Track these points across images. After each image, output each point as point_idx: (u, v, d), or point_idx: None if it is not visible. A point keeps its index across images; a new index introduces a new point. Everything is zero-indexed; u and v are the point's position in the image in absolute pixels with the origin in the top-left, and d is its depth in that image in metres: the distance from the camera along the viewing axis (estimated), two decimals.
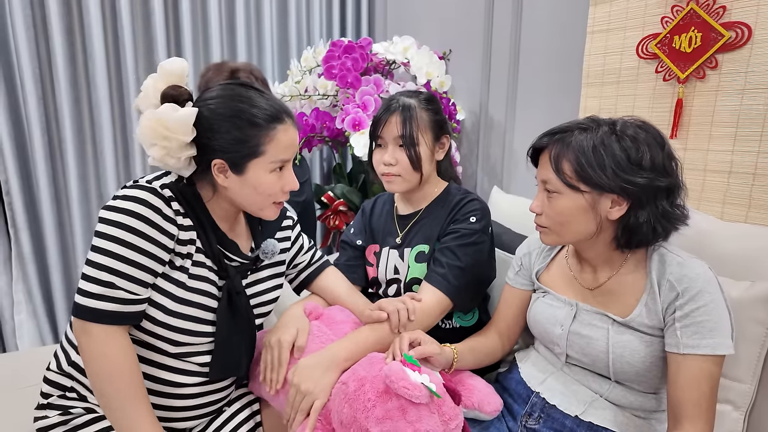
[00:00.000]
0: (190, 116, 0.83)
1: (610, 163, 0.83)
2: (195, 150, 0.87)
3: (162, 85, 0.85)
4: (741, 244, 1.02)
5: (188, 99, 0.87)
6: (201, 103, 0.88)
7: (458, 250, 1.12)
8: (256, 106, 0.87)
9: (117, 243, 0.81)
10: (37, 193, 1.91)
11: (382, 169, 1.18)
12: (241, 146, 0.87)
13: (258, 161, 0.88)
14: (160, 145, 0.83)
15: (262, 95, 0.90)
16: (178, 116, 0.82)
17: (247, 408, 1.03)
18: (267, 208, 0.94)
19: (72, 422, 0.90)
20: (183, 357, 0.91)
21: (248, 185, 0.90)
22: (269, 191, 0.91)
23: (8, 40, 1.80)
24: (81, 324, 0.82)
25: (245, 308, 0.97)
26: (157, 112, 0.82)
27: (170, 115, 0.82)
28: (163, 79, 0.85)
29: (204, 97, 0.89)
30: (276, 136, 0.88)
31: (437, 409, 0.81)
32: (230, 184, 0.90)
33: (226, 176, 0.89)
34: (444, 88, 1.89)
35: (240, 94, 0.89)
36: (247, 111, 0.87)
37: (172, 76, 0.85)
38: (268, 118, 0.88)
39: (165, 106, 0.83)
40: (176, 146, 0.83)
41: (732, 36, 1.10)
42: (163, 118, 0.82)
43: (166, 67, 0.85)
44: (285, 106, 0.92)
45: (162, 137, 0.82)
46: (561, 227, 0.90)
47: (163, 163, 0.85)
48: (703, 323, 0.81)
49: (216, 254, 0.93)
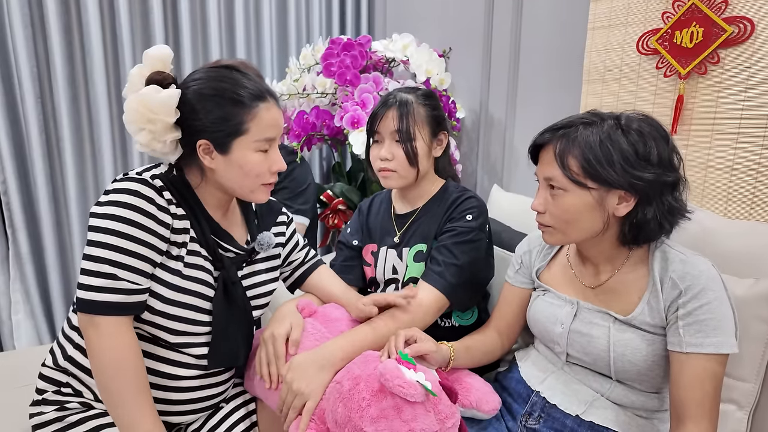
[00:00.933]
0: (173, 97, 0.84)
1: (618, 158, 0.81)
2: (180, 132, 0.88)
3: (147, 72, 0.86)
4: (745, 242, 1.01)
5: (172, 82, 0.87)
6: (185, 85, 0.89)
7: (455, 248, 1.10)
8: (238, 84, 0.88)
9: (114, 235, 0.82)
10: (34, 192, 1.91)
11: (379, 164, 1.17)
12: (224, 125, 0.87)
13: (242, 140, 0.89)
14: (147, 129, 0.84)
15: (245, 76, 0.91)
16: (161, 97, 0.83)
17: (243, 407, 1.03)
18: (256, 190, 0.94)
19: (67, 418, 0.90)
20: (181, 348, 0.91)
21: (234, 165, 0.90)
22: (256, 171, 0.91)
23: (6, 39, 1.79)
24: (88, 318, 0.82)
25: (241, 298, 0.97)
26: (140, 93, 0.83)
27: (153, 97, 0.83)
28: (148, 66, 0.86)
29: (188, 80, 0.90)
30: (258, 114, 0.89)
31: (433, 408, 0.80)
32: (216, 166, 0.90)
33: (212, 157, 0.90)
34: (444, 85, 1.87)
35: (222, 75, 0.90)
36: (229, 90, 0.87)
37: (156, 62, 0.86)
38: (250, 96, 0.88)
39: (148, 88, 0.84)
40: (161, 128, 0.84)
41: (734, 31, 1.09)
42: (146, 100, 0.83)
43: (151, 54, 0.86)
44: (268, 87, 0.93)
45: (146, 120, 0.83)
46: (567, 225, 0.88)
47: (150, 148, 0.86)
48: (706, 321, 0.79)
49: (210, 244, 0.93)
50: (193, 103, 0.87)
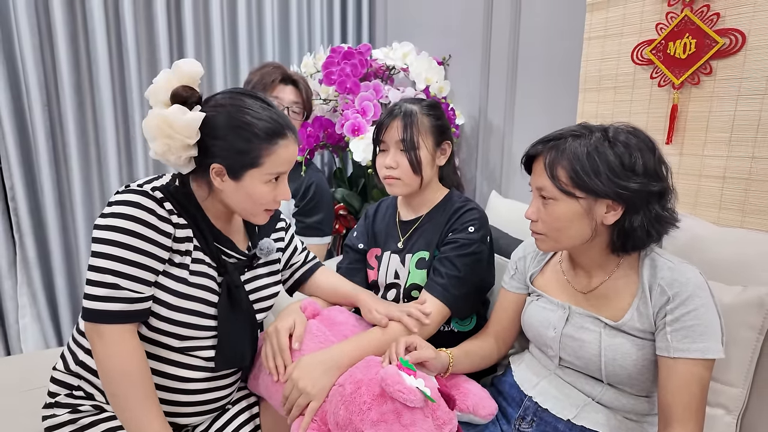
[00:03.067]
0: (196, 121, 0.86)
1: (605, 169, 0.84)
2: (196, 151, 0.90)
3: (175, 83, 0.87)
4: (735, 250, 1.02)
5: (197, 102, 0.89)
6: (208, 109, 0.90)
7: (457, 260, 1.13)
8: (260, 119, 0.90)
9: (116, 246, 0.84)
10: (41, 198, 1.93)
11: (384, 172, 1.20)
12: (242, 156, 0.90)
13: (255, 171, 0.91)
14: (163, 141, 0.86)
15: (267, 108, 0.93)
16: (186, 120, 0.85)
17: (247, 410, 1.05)
18: (258, 214, 0.97)
19: (80, 420, 0.93)
20: (188, 351, 0.94)
21: (243, 192, 0.92)
22: (262, 200, 0.94)
23: (14, 47, 1.82)
24: (93, 327, 0.85)
25: (245, 302, 1.00)
26: (165, 112, 0.85)
27: (178, 118, 0.84)
28: (177, 78, 0.87)
29: (212, 104, 0.92)
30: (276, 151, 0.91)
31: (431, 414, 0.82)
32: (225, 188, 0.93)
33: (222, 180, 0.92)
34: (443, 93, 1.90)
35: (246, 105, 0.91)
36: (251, 124, 0.89)
37: (185, 77, 0.87)
38: (270, 132, 0.90)
39: (174, 107, 0.85)
40: (179, 146, 0.86)
41: (726, 43, 1.11)
42: (170, 120, 0.84)
43: (181, 67, 0.87)
44: (288, 120, 0.95)
45: (166, 135, 0.85)
46: (558, 233, 0.91)
47: (164, 158, 0.88)
48: (693, 327, 0.82)
49: (213, 251, 0.96)
50: (215, 129, 0.89)
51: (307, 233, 1.66)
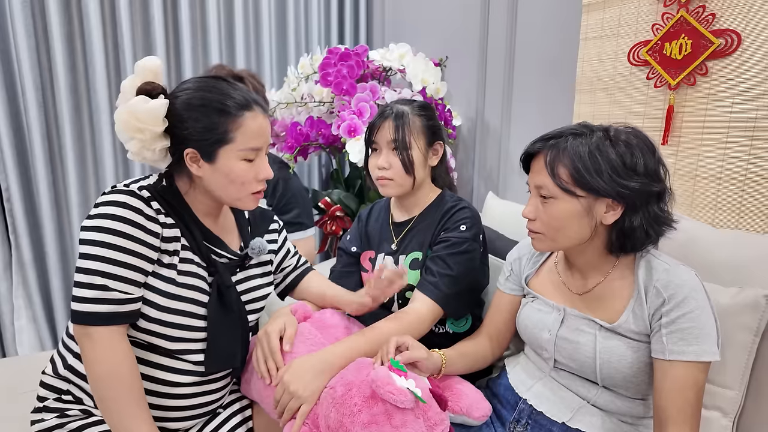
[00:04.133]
0: (160, 107, 0.86)
1: (607, 168, 0.84)
2: (168, 141, 0.90)
3: (138, 82, 0.88)
4: (731, 251, 1.02)
5: (161, 92, 0.90)
6: (173, 95, 0.91)
7: (449, 258, 1.13)
8: (224, 94, 0.90)
9: (104, 247, 0.83)
10: (37, 199, 1.93)
11: (377, 173, 1.20)
12: (210, 133, 0.89)
13: (227, 148, 0.90)
14: (137, 138, 0.86)
15: (232, 86, 0.93)
16: (149, 107, 0.85)
17: (239, 414, 1.04)
18: (243, 198, 0.95)
19: (68, 425, 0.92)
20: (178, 355, 0.93)
21: (220, 173, 0.91)
22: (241, 179, 0.92)
23: (9, 48, 1.82)
24: (82, 329, 0.84)
25: (236, 302, 0.99)
26: (128, 104, 0.86)
27: (141, 107, 0.85)
28: (139, 77, 0.88)
29: (177, 90, 0.92)
30: (244, 123, 0.90)
31: (422, 414, 0.81)
32: (203, 174, 0.92)
33: (198, 165, 0.91)
34: (440, 94, 1.90)
35: (210, 85, 0.91)
36: (215, 99, 0.89)
37: (147, 73, 0.88)
38: (236, 105, 0.90)
39: (136, 98, 0.86)
40: (150, 138, 0.87)
41: (722, 43, 1.11)
42: (134, 110, 0.85)
43: (141, 65, 0.88)
44: (255, 96, 0.94)
45: (135, 129, 0.86)
46: (556, 232, 0.91)
47: (140, 156, 0.89)
48: (688, 330, 0.81)
49: (203, 250, 0.95)
50: (180, 113, 0.89)
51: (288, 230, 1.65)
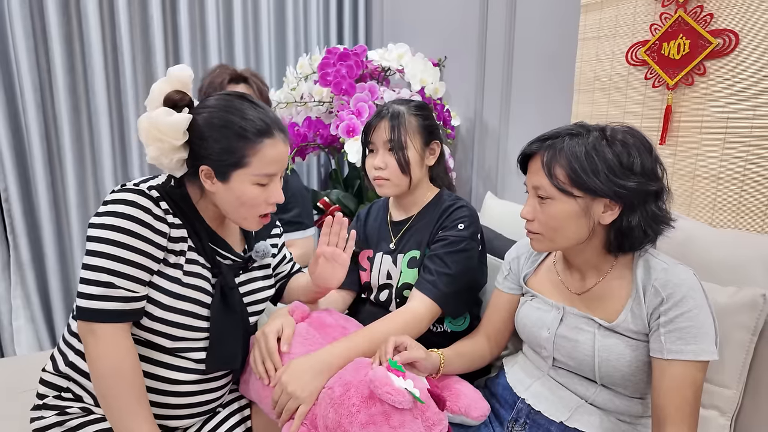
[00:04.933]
0: (181, 122, 0.87)
1: (603, 168, 0.84)
2: (186, 153, 0.91)
3: (168, 89, 0.89)
4: (730, 251, 1.02)
5: (187, 105, 0.91)
6: (197, 111, 0.92)
7: (447, 257, 1.13)
8: (246, 118, 0.90)
9: (111, 245, 0.84)
10: (36, 200, 1.93)
11: (373, 173, 1.20)
12: (227, 156, 0.89)
13: (242, 172, 0.91)
14: (155, 146, 0.87)
15: (256, 108, 0.92)
16: (170, 121, 0.86)
17: (238, 413, 1.05)
18: (249, 218, 0.96)
19: (68, 422, 0.92)
20: (179, 353, 0.93)
21: (231, 194, 0.92)
22: (252, 203, 0.93)
23: (8, 49, 1.82)
24: (86, 325, 0.85)
25: (238, 303, 1.00)
26: (152, 115, 0.87)
27: (163, 119, 0.86)
28: (169, 84, 0.90)
29: (201, 105, 0.93)
30: (262, 150, 0.91)
31: (420, 415, 0.82)
32: (215, 190, 0.93)
33: (212, 182, 0.92)
34: (438, 94, 1.90)
35: (233, 106, 0.91)
36: (236, 123, 0.89)
37: (177, 82, 0.90)
38: (256, 131, 0.90)
39: (160, 110, 0.87)
40: (168, 148, 0.88)
41: (719, 43, 1.11)
42: (155, 121, 0.86)
43: (174, 73, 0.90)
44: (277, 120, 0.94)
45: (155, 138, 0.87)
46: (554, 233, 0.91)
47: (157, 162, 0.89)
48: (687, 329, 0.81)
49: (208, 252, 0.96)
50: (201, 130, 0.90)
51: (288, 229, 1.66)
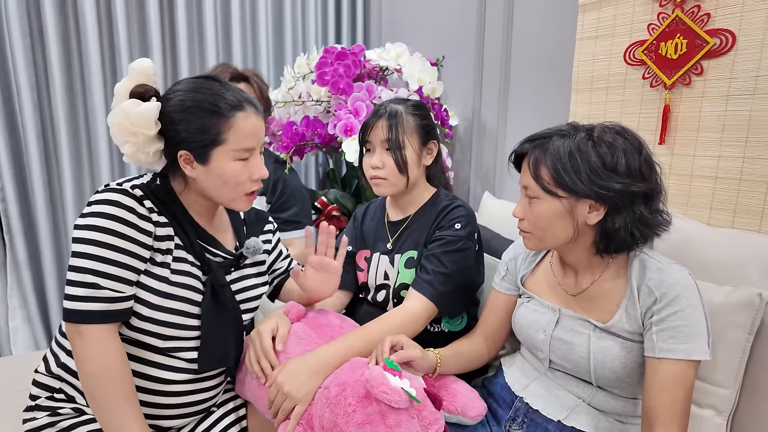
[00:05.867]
0: (151, 110, 0.86)
1: (585, 168, 0.84)
2: (162, 143, 0.90)
3: (131, 85, 0.88)
4: (726, 251, 1.02)
5: (154, 95, 0.90)
6: (166, 97, 0.91)
7: (444, 257, 1.13)
8: (216, 95, 0.90)
9: (95, 245, 0.84)
10: (32, 199, 1.93)
11: (370, 172, 1.20)
12: (203, 135, 0.89)
13: (220, 149, 0.90)
14: (131, 142, 0.87)
15: (225, 86, 0.92)
16: (140, 110, 0.85)
17: (233, 413, 1.04)
18: (237, 199, 0.95)
19: (60, 423, 0.92)
20: (171, 353, 0.93)
21: (214, 174, 0.91)
22: (235, 180, 0.92)
23: (5, 48, 1.82)
24: (73, 327, 0.84)
25: (230, 301, 0.99)
26: (121, 107, 0.86)
27: (133, 110, 0.85)
28: (132, 79, 0.89)
29: (169, 91, 0.92)
30: (236, 124, 0.90)
31: (417, 414, 0.82)
32: (197, 175, 0.92)
33: (192, 167, 0.91)
34: (436, 94, 1.90)
35: (202, 86, 0.91)
36: (207, 100, 0.89)
37: (139, 75, 0.89)
38: (228, 106, 0.89)
39: (128, 102, 0.86)
40: (143, 140, 0.87)
41: (716, 43, 1.11)
42: (125, 113, 0.85)
43: (134, 68, 0.89)
44: (248, 96, 0.94)
45: (129, 133, 0.86)
46: (543, 232, 0.91)
47: (135, 159, 0.89)
48: (679, 328, 0.81)
49: (197, 249, 0.95)
50: (172, 115, 0.89)
51: (286, 228, 1.66)
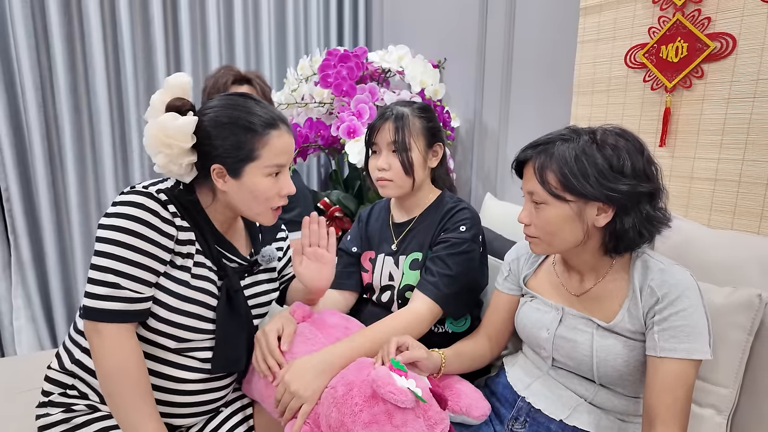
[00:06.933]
0: (189, 124, 0.89)
1: (593, 172, 0.85)
2: (195, 157, 0.92)
3: (167, 98, 0.91)
4: (726, 252, 1.03)
5: (190, 109, 0.92)
6: (201, 113, 0.93)
7: (448, 259, 1.14)
8: (251, 113, 0.93)
9: (118, 246, 0.86)
10: (36, 199, 1.93)
11: (376, 174, 1.21)
12: (238, 151, 0.92)
13: (253, 165, 0.93)
14: (164, 153, 0.89)
15: (259, 104, 0.96)
16: (178, 124, 0.88)
17: (241, 412, 1.06)
18: (264, 213, 0.98)
19: (74, 420, 0.93)
20: (184, 352, 0.95)
21: (245, 189, 0.94)
22: (266, 195, 0.95)
23: (9, 48, 1.82)
24: (92, 325, 0.86)
25: (243, 306, 1.02)
26: (159, 120, 0.88)
27: (171, 124, 0.88)
28: (168, 93, 0.91)
29: (205, 107, 0.95)
30: (270, 141, 0.93)
31: (423, 414, 0.83)
32: (229, 189, 0.95)
33: (224, 181, 0.94)
34: (438, 96, 1.91)
35: (237, 103, 0.94)
36: (243, 118, 0.92)
37: (176, 89, 0.91)
38: (262, 124, 0.93)
39: (166, 115, 0.89)
40: (177, 153, 0.89)
41: (717, 46, 1.12)
42: (163, 126, 0.87)
43: (171, 82, 0.91)
44: (280, 114, 0.97)
45: (164, 144, 0.88)
46: (551, 237, 0.92)
47: (166, 169, 0.91)
48: (680, 328, 0.82)
49: (215, 255, 0.97)
50: (208, 130, 0.91)
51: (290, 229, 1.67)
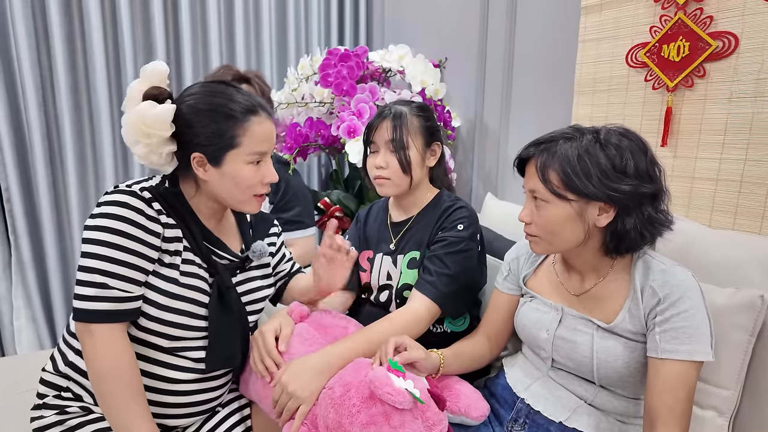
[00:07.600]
0: (167, 112, 0.88)
1: (596, 171, 0.84)
2: (175, 145, 0.91)
3: (144, 87, 0.89)
4: (728, 252, 1.02)
5: (168, 97, 0.91)
6: (180, 100, 0.92)
7: (446, 258, 1.13)
8: (232, 100, 0.91)
9: (104, 246, 0.85)
10: (37, 199, 1.94)
11: (374, 172, 1.21)
12: (218, 138, 0.90)
13: (234, 153, 0.92)
14: (143, 143, 0.88)
15: (239, 91, 0.94)
16: (156, 112, 0.87)
17: (238, 412, 1.05)
18: (247, 201, 0.97)
19: (68, 422, 0.93)
20: (177, 352, 0.94)
21: (227, 178, 0.93)
22: (248, 183, 0.94)
23: (10, 48, 1.83)
24: (83, 326, 0.86)
25: (236, 303, 1.01)
26: (136, 109, 0.87)
27: (149, 112, 0.86)
28: (146, 82, 0.90)
29: (183, 95, 0.94)
30: (251, 128, 0.92)
31: (421, 415, 0.82)
32: (210, 178, 0.93)
33: (205, 170, 0.93)
34: (438, 95, 1.90)
35: (217, 90, 0.93)
36: (223, 105, 0.91)
37: (153, 78, 0.90)
38: (243, 111, 0.91)
39: (144, 103, 0.87)
40: (156, 142, 0.88)
41: (719, 45, 1.11)
42: (141, 115, 0.86)
43: (148, 69, 0.90)
44: (261, 101, 0.96)
45: (143, 134, 0.87)
46: (552, 236, 0.91)
47: (147, 160, 0.90)
48: (682, 329, 0.81)
49: (204, 251, 0.96)
50: (187, 118, 0.90)
51: (288, 228, 1.67)
